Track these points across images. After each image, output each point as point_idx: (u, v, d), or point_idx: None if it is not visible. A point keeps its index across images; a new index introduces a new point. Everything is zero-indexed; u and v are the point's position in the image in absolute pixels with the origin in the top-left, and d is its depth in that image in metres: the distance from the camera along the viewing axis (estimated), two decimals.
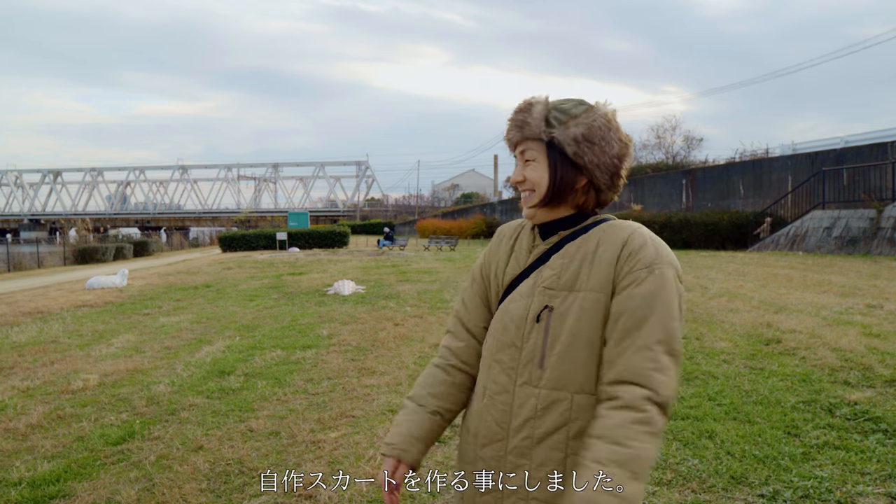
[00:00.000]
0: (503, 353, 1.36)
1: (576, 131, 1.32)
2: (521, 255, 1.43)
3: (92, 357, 6.26)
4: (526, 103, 1.38)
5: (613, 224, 1.36)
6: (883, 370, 4.65)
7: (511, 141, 1.40)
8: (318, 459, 3.43)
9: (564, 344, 1.29)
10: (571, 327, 1.29)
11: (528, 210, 1.39)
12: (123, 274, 13.82)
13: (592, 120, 1.33)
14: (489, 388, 1.38)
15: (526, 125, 1.36)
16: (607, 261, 1.29)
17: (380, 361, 5.65)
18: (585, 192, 1.37)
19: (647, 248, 1.28)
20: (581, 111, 1.34)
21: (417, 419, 1.47)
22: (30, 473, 3.35)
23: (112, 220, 76.23)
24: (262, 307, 9.46)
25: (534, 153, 1.36)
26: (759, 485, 2.97)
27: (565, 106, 1.35)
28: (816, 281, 9.86)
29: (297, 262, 19.15)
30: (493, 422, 1.35)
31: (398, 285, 11.70)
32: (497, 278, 1.46)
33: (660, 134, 37.58)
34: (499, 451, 1.34)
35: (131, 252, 31.46)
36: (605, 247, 1.31)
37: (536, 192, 1.36)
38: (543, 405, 1.30)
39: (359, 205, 77.14)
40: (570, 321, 1.29)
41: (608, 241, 1.32)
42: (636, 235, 1.30)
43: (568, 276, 1.32)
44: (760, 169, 22.70)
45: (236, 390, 4.85)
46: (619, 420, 1.18)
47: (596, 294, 1.29)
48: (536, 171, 1.36)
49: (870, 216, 15.51)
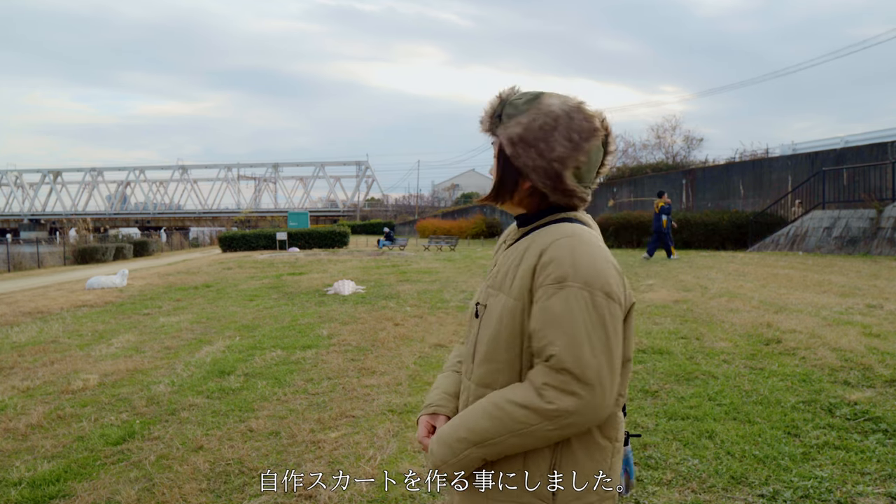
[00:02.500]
0: (465, 347, 1.42)
1: (512, 131, 1.26)
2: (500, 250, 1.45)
3: (92, 357, 6.26)
4: (495, 95, 1.34)
5: (549, 229, 1.27)
6: (883, 370, 4.65)
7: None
8: (318, 459, 3.43)
9: (487, 343, 1.29)
10: (494, 328, 1.28)
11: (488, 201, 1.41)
12: (123, 274, 13.82)
13: (532, 119, 1.25)
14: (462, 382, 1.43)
15: (484, 119, 1.33)
16: (526, 269, 1.23)
17: (380, 361, 5.65)
18: (530, 194, 1.31)
19: (564, 262, 1.18)
20: (526, 108, 1.27)
21: (450, 380, 1.52)
22: (30, 473, 3.35)
23: (112, 220, 76.27)
24: (262, 307, 9.46)
25: (495, 148, 1.34)
26: (759, 485, 2.97)
27: (518, 101, 1.29)
28: (816, 281, 9.86)
29: (297, 262, 19.15)
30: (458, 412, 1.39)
31: (398, 285, 11.70)
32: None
33: (660, 134, 37.60)
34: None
35: (131, 252, 31.47)
36: (530, 253, 1.25)
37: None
38: (472, 400, 1.31)
39: (359, 205, 77.13)
40: (493, 322, 1.28)
41: (533, 248, 1.25)
42: (557, 245, 1.21)
43: (501, 276, 1.31)
44: (760, 169, 22.70)
45: (236, 390, 4.85)
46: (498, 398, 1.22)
47: (514, 301, 1.24)
48: (493, 167, 1.35)
49: (870, 216, 15.51)
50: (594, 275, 1.18)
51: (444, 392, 1.48)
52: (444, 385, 1.50)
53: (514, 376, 1.27)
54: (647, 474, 3.11)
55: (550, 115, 1.25)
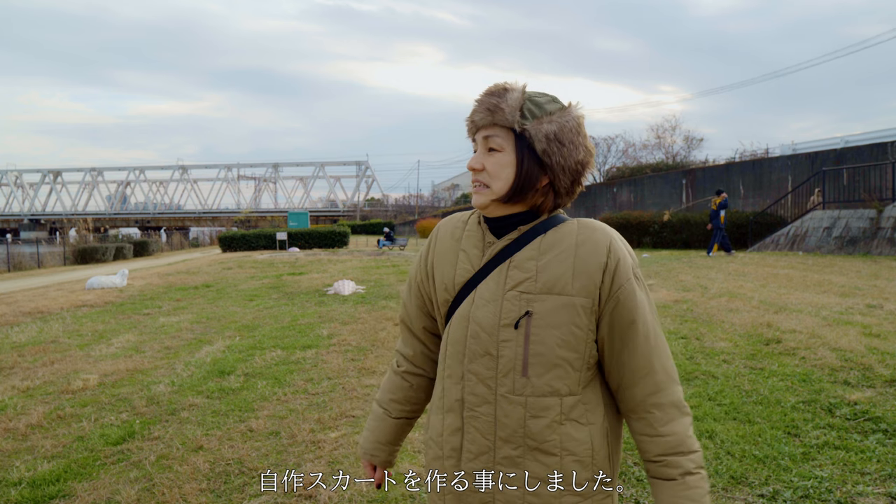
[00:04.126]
0: (477, 364, 1.29)
1: (549, 128, 1.26)
2: (473, 255, 1.34)
3: (92, 357, 6.26)
4: (500, 88, 1.29)
5: (583, 224, 1.31)
6: (883, 370, 4.65)
7: (476, 124, 1.30)
8: (318, 459, 3.43)
9: (550, 350, 1.25)
10: (559, 331, 1.24)
11: (482, 201, 1.30)
12: (123, 274, 13.81)
13: (566, 120, 1.27)
14: (468, 401, 1.31)
15: (498, 111, 1.26)
16: (595, 267, 1.25)
17: (380, 361, 5.65)
18: (545, 192, 1.31)
19: (627, 256, 1.29)
20: (555, 109, 1.29)
21: (384, 426, 1.55)
22: (30, 473, 3.35)
23: (112, 220, 76.33)
24: (262, 307, 9.46)
25: (500, 142, 1.27)
26: (759, 485, 2.97)
27: (540, 100, 1.29)
28: (816, 281, 9.86)
29: (297, 262, 19.14)
30: (478, 434, 1.30)
31: (398, 285, 11.70)
32: (445, 282, 1.36)
33: (660, 134, 37.65)
34: (487, 462, 1.30)
35: (131, 252, 31.47)
36: (588, 250, 1.26)
37: (493, 185, 1.28)
38: (532, 413, 1.26)
39: (359, 205, 77.14)
40: (554, 327, 1.25)
41: (590, 245, 1.27)
42: (617, 242, 1.30)
43: (546, 278, 1.26)
44: (760, 169, 22.71)
45: (236, 390, 4.85)
46: (683, 431, 1.29)
47: (582, 300, 1.25)
48: (499, 163, 1.27)
49: (870, 216, 15.51)
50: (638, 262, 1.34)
51: (377, 441, 1.55)
52: (378, 433, 1.55)
53: (576, 375, 1.27)
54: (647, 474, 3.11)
55: (576, 120, 1.30)
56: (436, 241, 1.43)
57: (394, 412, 1.53)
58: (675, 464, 1.27)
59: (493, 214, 1.33)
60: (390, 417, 1.53)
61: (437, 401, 1.40)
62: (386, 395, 1.55)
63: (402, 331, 1.55)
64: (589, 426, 1.29)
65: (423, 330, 1.49)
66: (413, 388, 1.53)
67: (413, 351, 1.52)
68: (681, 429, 1.28)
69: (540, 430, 1.26)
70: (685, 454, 1.27)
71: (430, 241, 1.45)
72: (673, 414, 1.29)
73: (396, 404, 1.53)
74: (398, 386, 1.53)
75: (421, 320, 1.49)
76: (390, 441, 1.54)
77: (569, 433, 1.27)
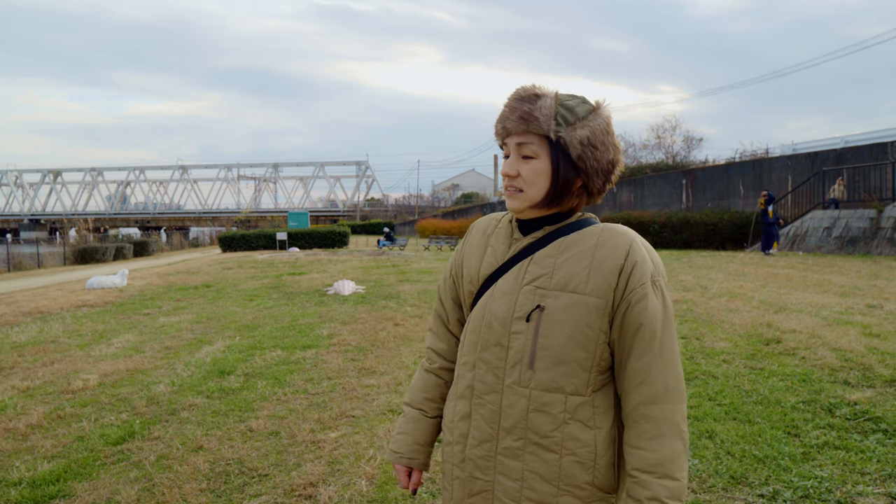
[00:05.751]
0: (488, 353, 1.33)
1: (582, 134, 1.27)
2: (499, 250, 1.38)
3: (92, 357, 6.26)
4: (531, 93, 1.29)
5: (608, 227, 1.32)
6: (883, 370, 4.65)
7: (508, 130, 1.30)
8: (318, 459, 3.43)
9: (559, 346, 1.26)
10: (569, 328, 1.26)
11: (517, 206, 1.33)
12: (123, 274, 13.81)
13: (597, 123, 1.29)
14: (477, 388, 1.35)
15: (532, 119, 1.27)
16: (610, 268, 1.26)
17: (380, 361, 5.65)
18: (579, 194, 1.34)
19: (647, 261, 1.28)
20: (586, 112, 1.30)
21: (421, 426, 1.51)
22: (30, 473, 3.34)
23: (112, 220, 76.34)
24: (262, 307, 9.46)
25: (535, 149, 1.29)
26: (759, 485, 2.97)
27: (571, 104, 1.29)
28: (816, 281, 9.86)
29: (297, 262, 19.15)
30: (483, 422, 1.33)
31: (398, 285, 11.70)
32: (471, 274, 1.41)
33: (660, 134, 37.64)
34: (489, 451, 1.32)
35: (131, 252, 31.47)
36: (606, 252, 1.27)
37: (528, 191, 1.30)
38: (535, 407, 1.28)
39: (359, 205, 77.14)
40: (565, 322, 1.26)
41: (609, 247, 1.28)
42: (637, 246, 1.29)
43: (561, 275, 1.28)
44: (760, 169, 22.71)
45: (236, 390, 4.85)
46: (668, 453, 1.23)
47: (595, 300, 1.25)
48: (535, 170, 1.29)
49: (870, 216, 15.51)
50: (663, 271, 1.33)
51: (414, 443, 1.50)
52: (415, 434, 1.51)
53: (585, 375, 1.27)
54: None
55: (605, 119, 1.31)
56: (469, 237, 1.48)
57: (430, 411, 1.51)
58: (646, 484, 1.21)
59: (528, 217, 1.36)
60: (427, 417, 1.51)
61: (452, 387, 1.44)
62: (419, 394, 1.53)
63: (435, 324, 1.55)
64: (595, 430, 1.28)
65: (457, 322, 1.51)
66: (448, 384, 1.51)
67: (447, 345, 1.52)
68: (667, 450, 1.22)
69: (542, 425, 1.27)
70: (661, 476, 1.21)
71: (465, 236, 1.51)
72: (663, 431, 1.23)
73: (432, 402, 1.51)
74: (432, 384, 1.52)
75: (455, 313, 1.51)
76: (429, 442, 1.52)
77: (572, 433, 1.27)
